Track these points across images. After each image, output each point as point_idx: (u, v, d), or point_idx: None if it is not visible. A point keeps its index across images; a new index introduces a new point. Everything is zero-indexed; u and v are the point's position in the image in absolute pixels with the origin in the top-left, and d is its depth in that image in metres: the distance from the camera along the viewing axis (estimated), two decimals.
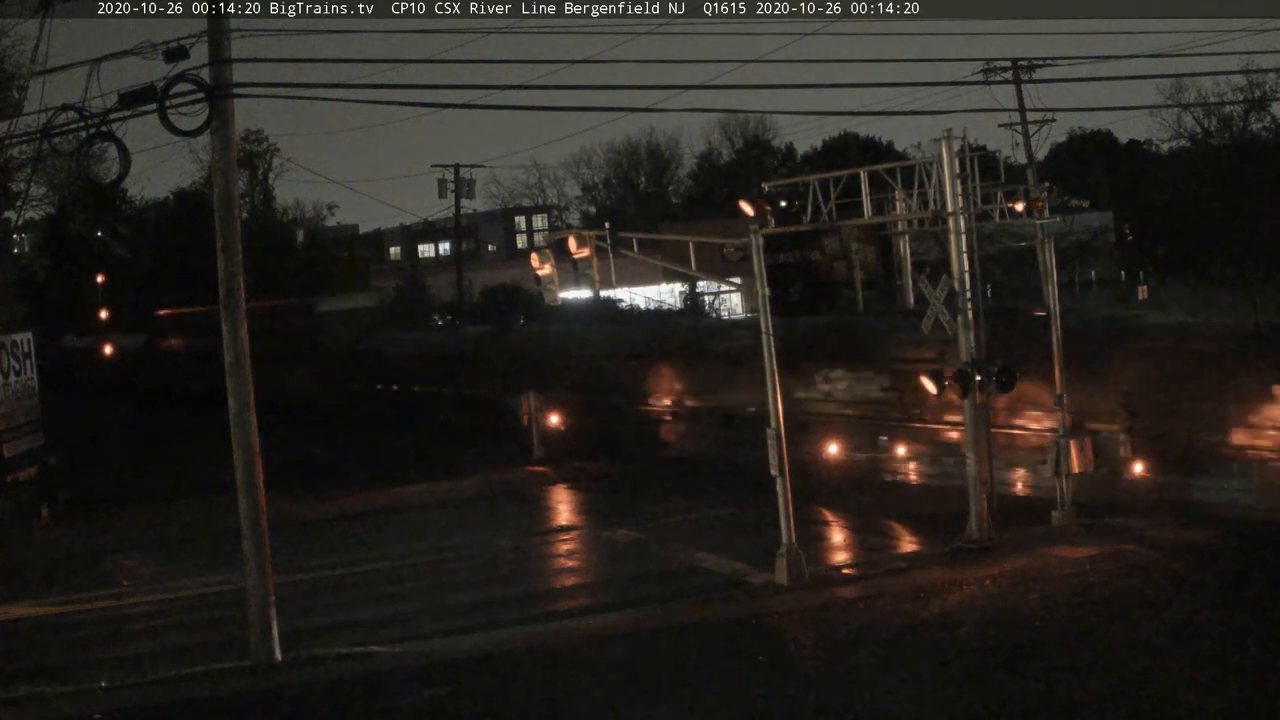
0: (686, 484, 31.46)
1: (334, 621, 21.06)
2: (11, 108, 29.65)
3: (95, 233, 66.71)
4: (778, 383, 21.51)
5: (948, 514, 23.69)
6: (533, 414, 37.09)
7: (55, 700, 17.29)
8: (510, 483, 34.06)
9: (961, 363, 22.50)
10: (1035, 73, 49.68)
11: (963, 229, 22.65)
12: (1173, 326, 27.84)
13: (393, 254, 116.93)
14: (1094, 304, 56.36)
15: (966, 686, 15.77)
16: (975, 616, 18.69)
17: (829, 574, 21.92)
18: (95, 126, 17.82)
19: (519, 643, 19.10)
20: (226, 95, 17.97)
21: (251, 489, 18.57)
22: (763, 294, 21.71)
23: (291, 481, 31.61)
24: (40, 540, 29.55)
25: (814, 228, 24.98)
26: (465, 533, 28.08)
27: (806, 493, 23.85)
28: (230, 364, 18.55)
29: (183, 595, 23.88)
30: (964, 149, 22.95)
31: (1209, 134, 75.49)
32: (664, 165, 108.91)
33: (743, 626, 19.15)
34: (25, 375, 33.62)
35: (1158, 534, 22.50)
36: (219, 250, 18.46)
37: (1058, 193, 24.63)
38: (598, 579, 24.06)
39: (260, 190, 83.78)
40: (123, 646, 20.48)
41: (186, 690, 17.52)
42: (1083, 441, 23.65)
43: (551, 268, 24.69)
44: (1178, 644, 16.76)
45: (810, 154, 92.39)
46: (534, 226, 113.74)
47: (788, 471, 21.20)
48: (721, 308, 71.10)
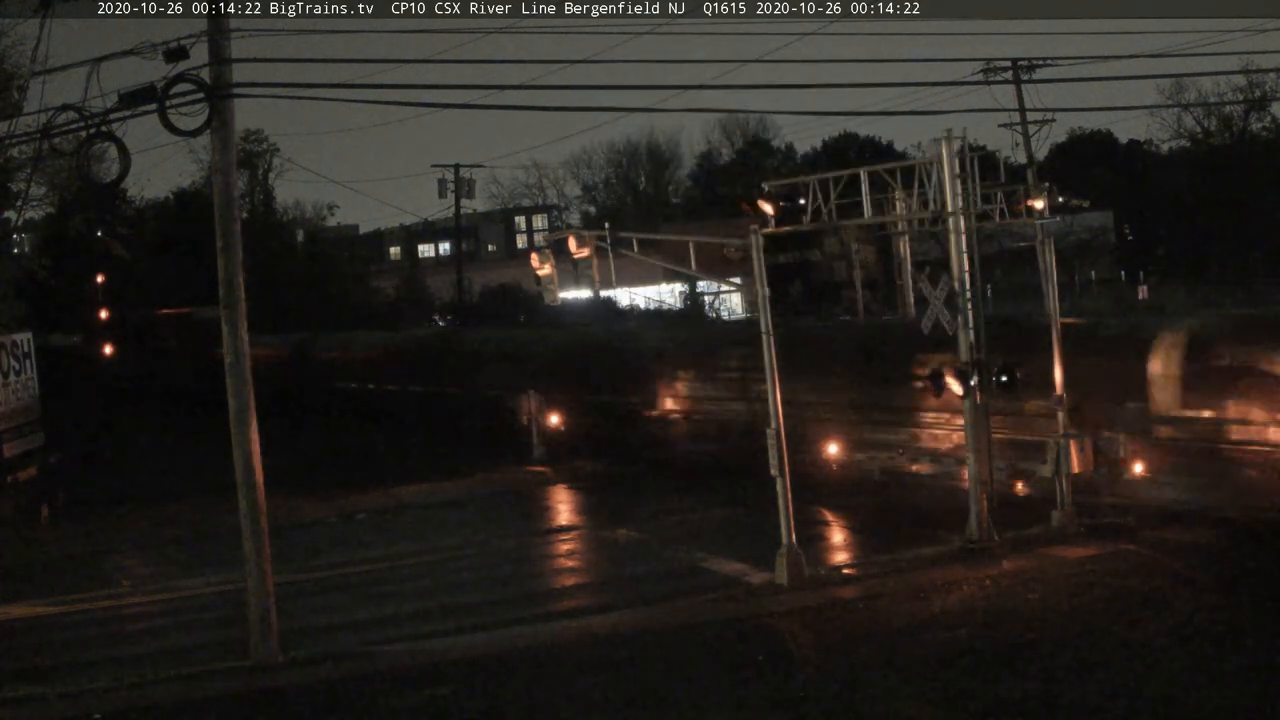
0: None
1: (334, 621, 21.05)
2: (11, 108, 29.64)
3: (95, 233, 66.59)
4: (778, 384, 21.49)
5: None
6: (532, 414, 37.06)
7: (55, 700, 17.30)
8: (509, 482, 34.11)
9: (961, 362, 22.51)
10: (1035, 73, 49.81)
11: (963, 229, 22.65)
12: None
13: (393, 254, 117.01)
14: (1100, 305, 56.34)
15: (966, 686, 15.77)
16: (975, 617, 18.70)
17: (829, 574, 21.92)
18: (95, 126, 17.81)
19: (519, 643, 19.10)
20: (226, 95, 17.96)
21: (251, 489, 18.57)
22: (763, 294, 21.71)
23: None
24: (40, 540, 29.54)
25: (814, 228, 24.98)
26: (465, 533, 28.08)
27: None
28: (230, 364, 18.53)
29: (183, 595, 23.87)
30: (964, 149, 22.94)
31: (1209, 134, 75.56)
32: (664, 165, 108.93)
33: (743, 626, 19.15)
34: (25, 375, 33.62)
35: (1158, 534, 22.49)
36: (219, 250, 18.45)
37: (1057, 193, 24.53)
38: (598, 579, 24.06)
39: (260, 190, 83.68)
40: (123, 646, 20.48)
41: (186, 690, 17.53)
42: (1083, 441, 23.64)
43: (551, 268, 24.68)
44: (1178, 644, 16.76)
45: (810, 154, 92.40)
46: (534, 226, 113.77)
47: (787, 471, 21.20)
48: (721, 308, 71.11)
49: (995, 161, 37.23)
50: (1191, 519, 23.29)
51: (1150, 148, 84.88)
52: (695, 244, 25.20)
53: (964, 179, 22.70)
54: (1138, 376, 24.40)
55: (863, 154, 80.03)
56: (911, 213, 23.68)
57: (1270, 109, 72.27)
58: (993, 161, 35.69)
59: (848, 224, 25.24)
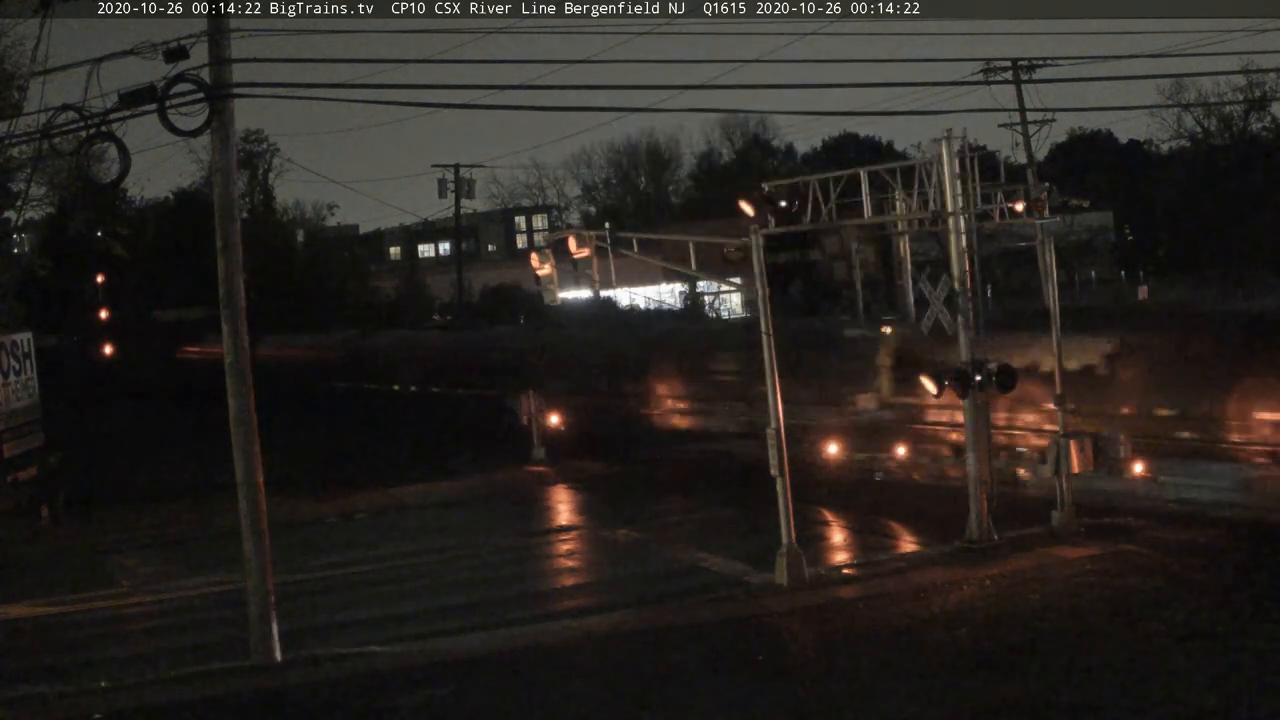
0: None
1: (334, 621, 21.05)
2: (11, 108, 29.63)
3: (95, 233, 66.62)
4: (778, 384, 21.49)
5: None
6: (533, 414, 37.04)
7: (55, 700, 17.29)
8: (509, 482, 34.11)
9: (961, 362, 22.50)
10: (1035, 73, 49.78)
11: (963, 229, 22.65)
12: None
13: (393, 254, 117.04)
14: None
15: (966, 687, 15.77)
16: (975, 617, 18.70)
17: (829, 574, 21.92)
18: (95, 126, 17.80)
19: (519, 643, 19.10)
20: (226, 95, 17.96)
21: (251, 489, 18.56)
22: (763, 294, 21.70)
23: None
24: (40, 540, 29.53)
25: (814, 228, 24.97)
26: (465, 532, 28.07)
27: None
28: (230, 364, 18.53)
29: (183, 595, 23.87)
30: (964, 149, 22.94)
31: (1209, 134, 75.50)
32: (664, 165, 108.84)
33: (743, 626, 19.15)
34: (25, 375, 33.62)
35: (1158, 534, 22.51)
36: (219, 250, 18.45)
37: (1057, 193, 24.54)
38: (598, 579, 24.06)
39: (260, 190, 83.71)
40: (123, 646, 20.48)
41: (186, 690, 17.52)
42: (1083, 441, 23.64)
43: (551, 268, 24.68)
44: (1178, 644, 16.75)
45: (810, 154, 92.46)
46: (534, 226, 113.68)
47: (787, 471, 21.20)
48: (722, 308, 71.13)
49: (995, 161, 37.19)
50: (1191, 519, 23.33)
51: (1150, 148, 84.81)
52: (695, 244, 25.20)
53: (964, 179, 22.68)
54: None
55: (863, 154, 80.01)
56: (911, 213, 23.67)
57: (1270, 109, 72.18)
58: (993, 161, 35.65)
59: (848, 224, 25.26)
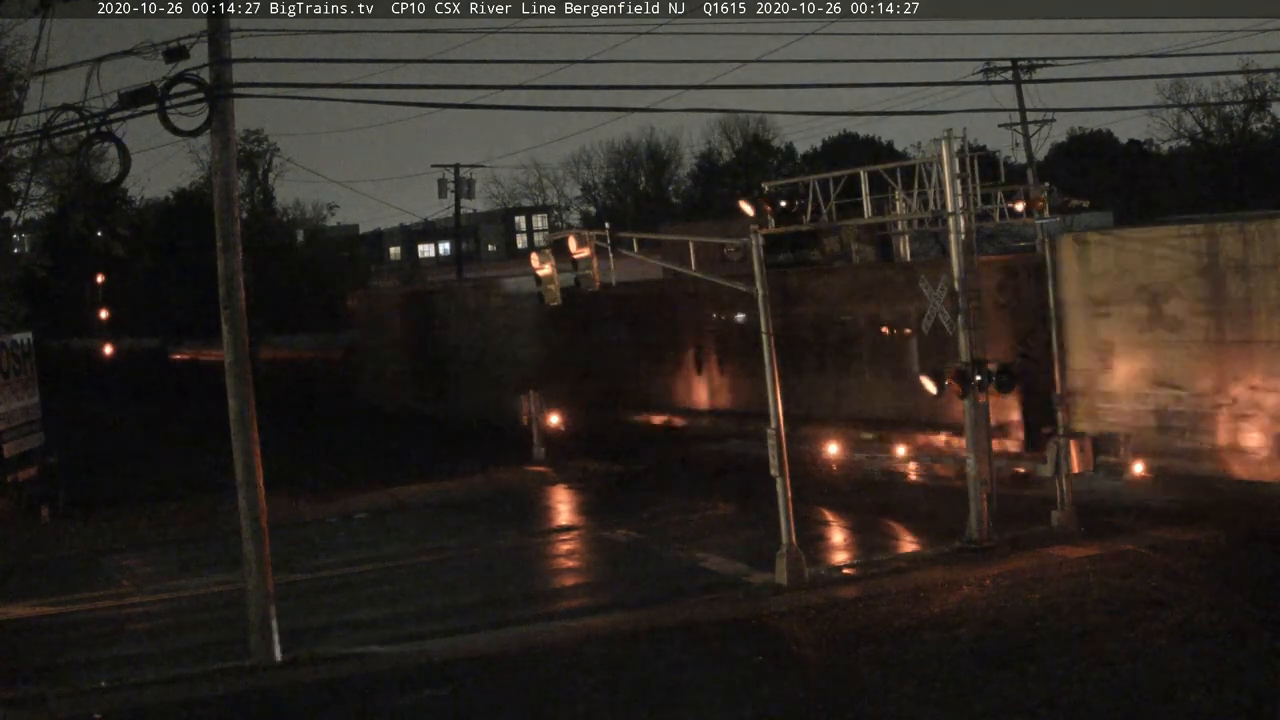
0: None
1: (334, 621, 21.05)
2: (11, 108, 29.59)
3: (95, 233, 66.61)
4: (778, 384, 21.50)
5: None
6: (533, 414, 37.02)
7: (55, 700, 17.30)
8: (510, 482, 34.10)
9: (960, 362, 22.51)
10: (1035, 73, 49.67)
11: (963, 229, 22.66)
12: None
13: (393, 254, 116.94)
14: None
15: (966, 686, 15.77)
16: (975, 617, 18.69)
17: (829, 574, 21.93)
18: (95, 126, 17.81)
19: (519, 643, 19.11)
20: (226, 95, 17.97)
21: (251, 489, 18.57)
22: (763, 294, 21.71)
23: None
24: (40, 540, 29.53)
25: (814, 228, 25.02)
26: (465, 533, 28.07)
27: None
28: (230, 364, 18.54)
29: (183, 595, 23.88)
30: (964, 149, 22.96)
31: (1209, 134, 75.49)
32: (664, 165, 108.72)
33: (743, 626, 19.16)
34: (25, 375, 33.62)
35: (1158, 534, 22.51)
36: (219, 250, 18.46)
37: (1057, 193, 24.58)
38: (598, 579, 24.07)
39: (260, 190, 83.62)
40: (123, 646, 20.49)
41: (186, 690, 17.54)
42: (1083, 441, 23.66)
43: (551, 268, 24.68)
44: (1178, 644, 16.76)
45: (810, 154, 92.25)
46: (534, 226, 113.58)
47: (787, 471, 21.20)
48: None
49: (995, 161, 37.22)
50: (1192, 519, 23.32)
51: (1150, 148, 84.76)
52: (695, 244, 25.21)
53: (964, 179, 22.70)
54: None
55: (863, 154, 79.91)
56: (911, 213, 23.69)
57: (1270, 109, 72.14)
58: (993, 161, 35.68)
59: (848, 224, 25.28)
